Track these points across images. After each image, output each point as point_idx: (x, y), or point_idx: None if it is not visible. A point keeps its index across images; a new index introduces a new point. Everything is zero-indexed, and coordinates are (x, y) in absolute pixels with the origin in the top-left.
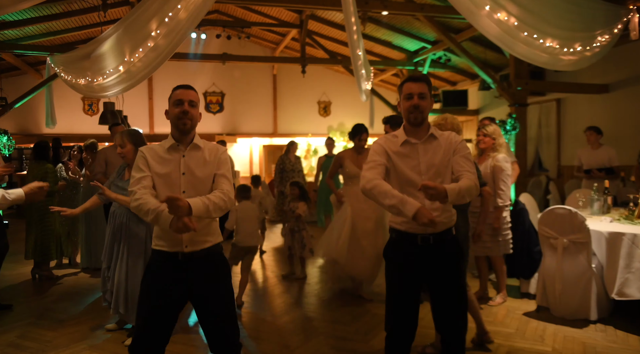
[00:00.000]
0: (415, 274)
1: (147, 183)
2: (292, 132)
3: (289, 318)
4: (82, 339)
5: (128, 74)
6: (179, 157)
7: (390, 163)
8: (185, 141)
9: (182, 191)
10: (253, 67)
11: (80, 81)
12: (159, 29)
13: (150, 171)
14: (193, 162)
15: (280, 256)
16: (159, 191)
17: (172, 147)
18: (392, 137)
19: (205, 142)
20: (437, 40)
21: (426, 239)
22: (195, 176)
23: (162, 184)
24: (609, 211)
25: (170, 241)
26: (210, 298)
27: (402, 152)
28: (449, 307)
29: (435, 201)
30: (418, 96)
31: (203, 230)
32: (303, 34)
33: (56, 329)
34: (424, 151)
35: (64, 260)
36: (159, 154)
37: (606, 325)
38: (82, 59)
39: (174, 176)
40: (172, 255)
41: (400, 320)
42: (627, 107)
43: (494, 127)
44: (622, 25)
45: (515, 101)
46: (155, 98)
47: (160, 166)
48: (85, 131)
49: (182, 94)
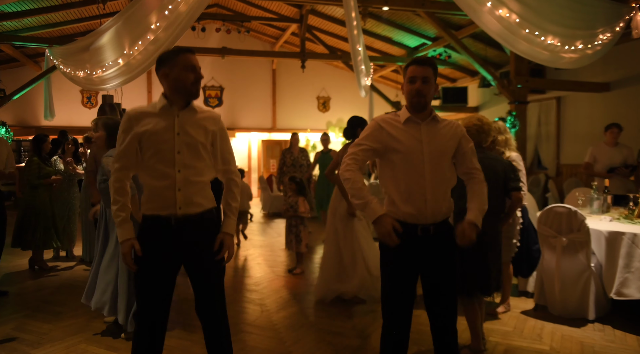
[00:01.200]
0: (412, 265)
1: (125, 174)
2: (291, 128)
3: (286, 313)
4: (78, 332)
5: (127, 67)
6: (173, 117)
7: (388, 144)
8: (179, 104)
9: (177, 151)
10: (252, 62)
11: (80, 73)
12: (159, 21)
13: (134, 136)
14: (188, 123)
15: (279, 252)
16: (147, 154)
17: (164, 108)
18: (394, 115)
19: (199, 106)
20: (437, 36)
21: (426, 230)
22: (190, 136)
23: (153, 145)
24: (608, 210)
25: (163, 203)
26: (203, 264)
27: (404, 131)
28: (445, 297)
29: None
30: (422, 80)
31: (197, 192)
32: (303, 29)
33: (52, 321)
34: (426, 131)
35: (61, 252)
36: (150, 114)
37: (604, 324)
38: (81, 51)
39: (167, 136)
40: (165, 219)
41: (397, 313)
42: (628, 106)
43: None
44: (624, 23)
45: (515, 99)
46: (154, 91)
47: (151, 124)
48: (84, 124)
49: (195, 60)
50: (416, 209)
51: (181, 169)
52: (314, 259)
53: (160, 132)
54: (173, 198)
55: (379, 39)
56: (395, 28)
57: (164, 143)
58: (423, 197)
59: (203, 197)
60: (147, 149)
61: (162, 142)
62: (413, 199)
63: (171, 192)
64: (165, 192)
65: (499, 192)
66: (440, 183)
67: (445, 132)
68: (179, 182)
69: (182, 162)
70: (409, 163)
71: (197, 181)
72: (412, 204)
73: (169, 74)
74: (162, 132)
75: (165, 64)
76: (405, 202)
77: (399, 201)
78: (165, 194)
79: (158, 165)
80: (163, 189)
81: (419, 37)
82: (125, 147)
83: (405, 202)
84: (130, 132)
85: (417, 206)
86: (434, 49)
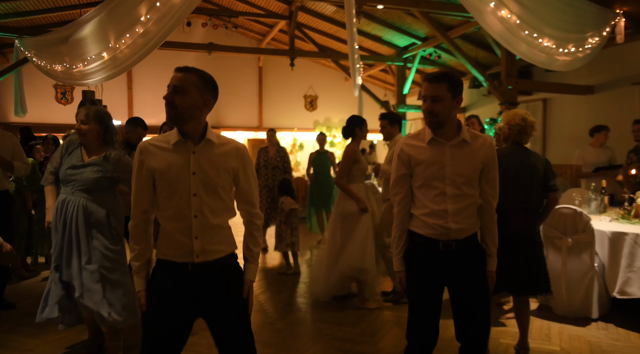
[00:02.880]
0: (435, 279)
1: (145, 218)
2: (277, 126)
3: (290, 320)
4: (67, 346)
5: (113, 61)
6: (188, 154)
7: (413, 168)
8: (194, 136)
9: (193, 193)
10: (239, 59)
11: (57, 67)
12: (149, 14)
13: (147, 172)
14: (205, 160)
15: (269, 256)
16: (161, 194)
17: (179, 142)
18: (416, 136)
19: (219, 137)
20: (427, 36)
21: (448, 246)
22: (208, 176)
23: (166, 186)
24: (605, 211)
25: (179, 249)
26: (225, 314)
27: (428, 153)
28: (471, 314)
29: None
30: (431, 100)
31: (216, 238)
32: (292, 26)
33: (38, 336)
34: (451, 154)
35: (40, 258)
36: (164, 149)
37: (607, 323)
38: (59, 43)
39: (183, 177)
40: (181, 266)
41: (421, 326)
42: (611, 108)
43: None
44: (610, 28)
45: (505, 100)
46: (135, 88)
47: (164, 162)
48: (59, 121)
49: (173, 78)
50: (437, 227)
51: (198, 214)
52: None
53: (174, 172)
54: (190, 246)
55: (368, 38)
56: (386, 27)
57: (178, 184)
58: (444, 217)
59: (223, 243)
60: (160, 189)
61: (176, 183)
62: (434, 218)
63: (187, 239)
64: (180, 238)
65: (539, 190)
66: (463, 204)
67: (473, 154)
68: (195, 228)
69: (199, 206)
70: (430, 185)
71: (216, 225)
72: (433, 222)
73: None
74: (176, 172)
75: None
76: (426, 220)
77: (420, 218)
78: (181, 240)
79: (172, 207)
80: (178, 233)
81: (409, 37)
82: (139, 185)
83: (426, 220)
84: (143, 168)
85: (438, 224)
86: (424, 49)
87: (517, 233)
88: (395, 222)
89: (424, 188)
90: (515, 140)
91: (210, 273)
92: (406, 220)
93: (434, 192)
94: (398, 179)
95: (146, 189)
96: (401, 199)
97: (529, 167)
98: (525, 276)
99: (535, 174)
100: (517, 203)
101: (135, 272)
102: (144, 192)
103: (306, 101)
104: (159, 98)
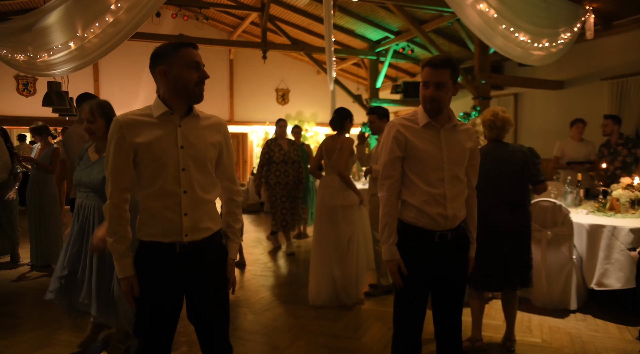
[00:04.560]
0: (428, 271)
1: (123, 197)
2: (249, 120)
3: (272, 315)
4: (40, 347)
5: (81, 51)
6: (174, 126)
7: (409, 151)
8: (180, 110)
9: (182, 168)
10: (209, 51)
11: (19, 57)
12: (120, 2)
13: (129, 148)
14: (192, 134)
15: (250, 249)
16: (145, 171)
17: (164, 115)
18: (411, 118)
19: (201, 111)
20: (400, 30)
21: (444, 236)
22: (197, 149)
23: (153, 161)
24: (580, 204)
25: (166, 229)
26: (206, 293)
27: (423, 136)
28: (456, 299)
29: None
30: (434, 86)
31: (205, 214)
32: (264, 19)
33: (7, 337)
34: (446, 137)
35: (4, 257)
36: (146, 123)
37: (585, 314)
38: (21, 31)
39: (170, 151)
40: (168, 246)
41: (412, 317)
42: (580, 103)
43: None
44: (581, 24)
45: (479, 94)
46: (102, 79)
47: (148, 136)
48: (20, 113)
49: (198, 55)
50: (436, 216)
51: (187, 190)
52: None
53: (161, 146)
54: (178, 224)
55: (341, 31)
56: (359, 20)
57: (166, 158)
58: (443, 204)
59: (212, 219)
60: (144, 166)
61: (163, 158)
62: (433, 206)
63: (176, 216)
64: (168, 216)
65: (523, 184)
66: (458, 189)
67: (463, 139)
68: (185, 205)
69: (189, 181)
70: (429, 170)
71: (206, 200)
72: (431, 211)
73: (167, 72)
74: (163, 146)
75: (164, 60)
76: (425, 210)
77: (418, 208)
78: (169, 218)
79: (158, 183)
80: (165, 211)
81: (382, 31)
82: (118, 163)
83: (424, 210)
84: (123, 143)
85: (436, 213)
86: (397, 43)
87: (504, 229)
88: (384, 209)
89: (422, 171)
90: (491, 137)
91: (197, 253)
92: (396, 206)
93: (433, 176)
94: (390, 162)
95: (127, 166)
96: (392, 183)
97: (504, 162)
98: (515, 271)
99: (514, 169)
100: (501, 199)
101: (121, 256)
102: (125, 169)
103: (278, 95)
104: (126, 90)
